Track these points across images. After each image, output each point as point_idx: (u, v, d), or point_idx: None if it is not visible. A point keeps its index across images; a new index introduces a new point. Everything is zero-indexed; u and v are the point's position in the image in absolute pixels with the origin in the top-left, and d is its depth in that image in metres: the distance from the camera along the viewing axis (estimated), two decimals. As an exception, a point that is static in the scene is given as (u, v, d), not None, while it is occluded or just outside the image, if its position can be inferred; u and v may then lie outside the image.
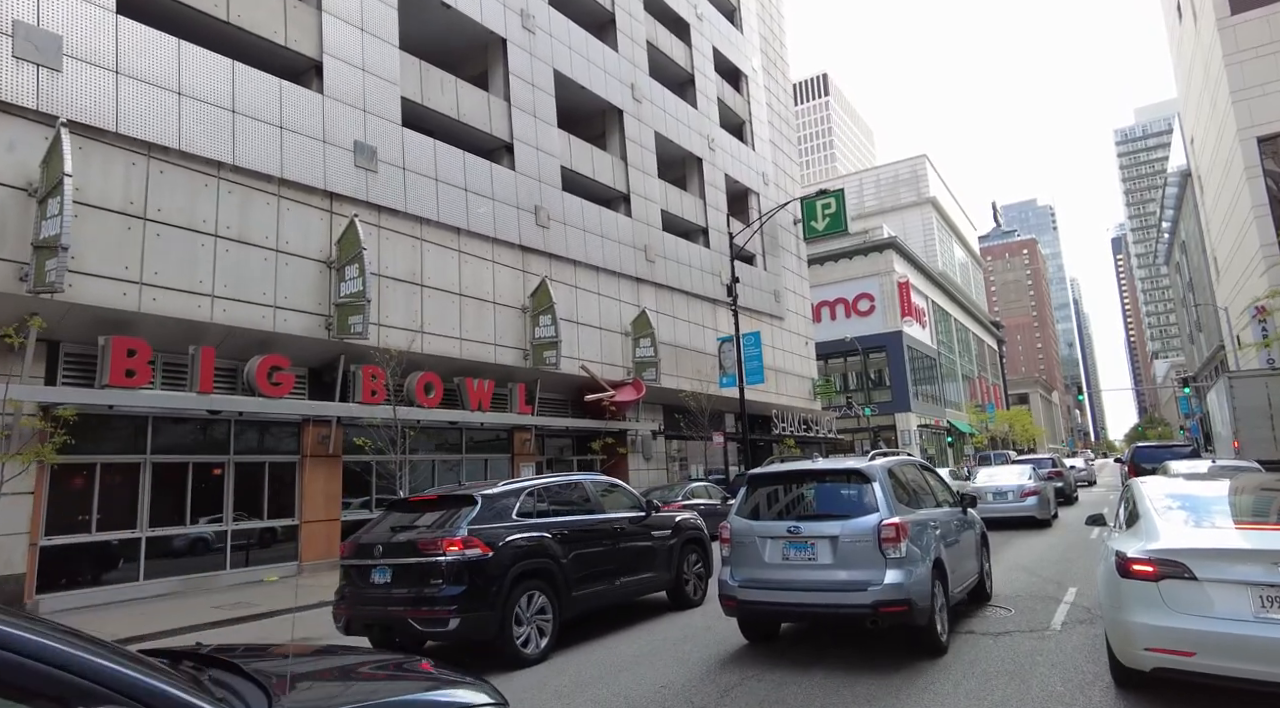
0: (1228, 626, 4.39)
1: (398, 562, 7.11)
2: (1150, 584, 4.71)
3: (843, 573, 6.34)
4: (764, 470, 7.64)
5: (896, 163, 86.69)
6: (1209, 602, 4.50)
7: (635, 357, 24.18)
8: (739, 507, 7.26)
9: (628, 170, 26.09)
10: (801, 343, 38.30)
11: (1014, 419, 79.89)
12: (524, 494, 7.81)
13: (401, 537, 7.31)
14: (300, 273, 15.01)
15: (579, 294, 22.61)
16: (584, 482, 8.84)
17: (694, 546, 9.83)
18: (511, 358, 19.59)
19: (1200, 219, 65.55)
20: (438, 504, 7.72)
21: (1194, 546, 4.75)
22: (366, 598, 7.20)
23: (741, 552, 6.91)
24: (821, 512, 6.88)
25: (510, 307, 19.97)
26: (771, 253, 36.32)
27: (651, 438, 24.97)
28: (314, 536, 14.89)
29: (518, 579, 7.11)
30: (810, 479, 7.28)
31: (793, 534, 6.63)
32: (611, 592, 8.26)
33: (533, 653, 7.11)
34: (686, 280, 28.58)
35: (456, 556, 6.81)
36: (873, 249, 57.47)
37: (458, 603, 6.70)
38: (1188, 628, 4.51)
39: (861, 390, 56.23)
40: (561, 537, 7.74)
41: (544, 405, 21.41)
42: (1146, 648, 4.70)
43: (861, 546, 6.33)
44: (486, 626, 6.81)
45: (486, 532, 7.09)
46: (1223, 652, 4.40)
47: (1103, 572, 5.50)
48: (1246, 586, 4.41)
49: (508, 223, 20.25)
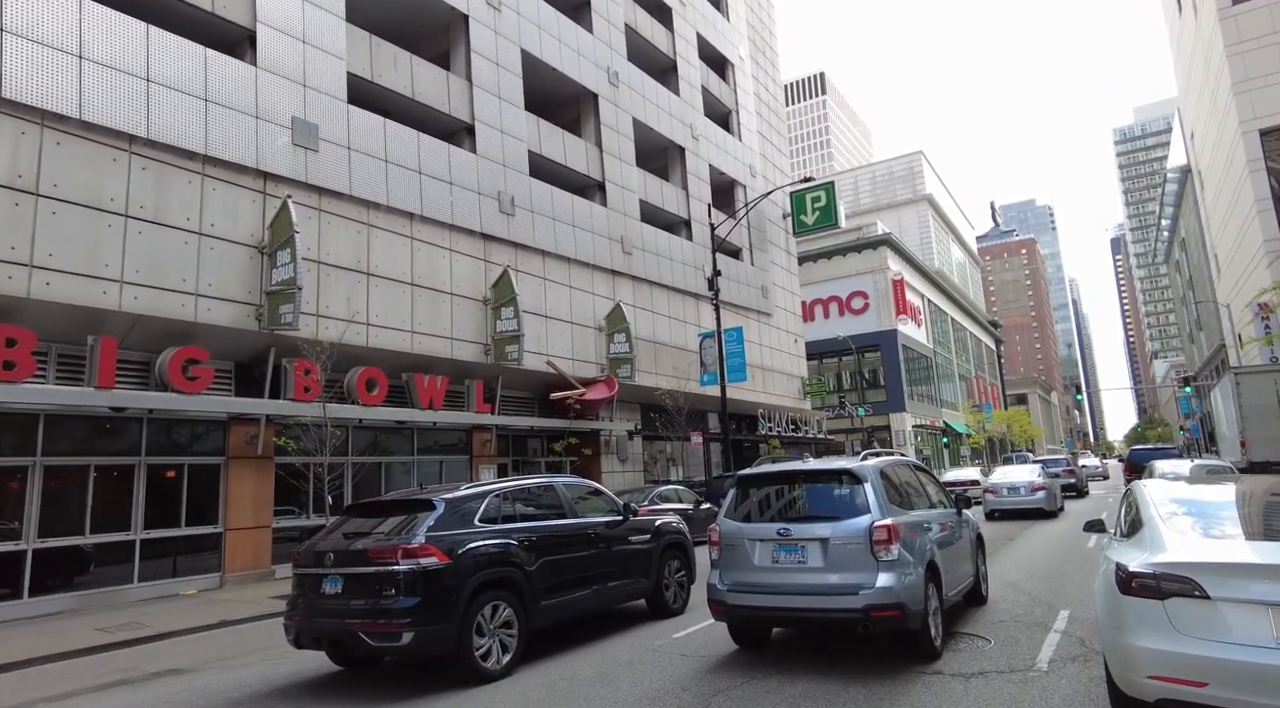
0: (1246, 653, 3.72)
1: (349, 571, 6.62)
2: (1155, 603, 4.03)
3: (833, 576, 6.15)
4: (754, 471, 7.37)
5: (892, 160, 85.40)
6: (1224, 625, 3.84)
7: (609, 353, 22.96)
8: (728, 509, 7.04)
9: (603, 157, 24.85)
10: (790, 340, 37.07)
11: (1012, 420, 78.61)
12: (488, 498, 7.32)
13: (355, 544, 6.79)
14: (227, 258, 13.76)
15: (548, 286, 21.37)
16: (556, 484, 8.29)
17: (675, 551, 9.32)
18: (470, 353, 18.35)
19: (1201, 216, 64.48)
20: (396, 508, 7.20)
21: (1207, 559, 4.05)
22: (318, 609, 6.69)
23: (731, 555, 6.69)
24: (812, 513, 6.65)
25: (470, 298, 18.73)
26: (759, 247, 35.09)
27: (627, 439, 23.73)
28: (240, 544, 13.63)
29: (479, 589, 6.64)
30: (801, 480, 7.03)
31: (783, 537, 6.43)
32: (585, 600, 7.83)
33: (494, 668, 6.66)
34: (667, 274, 27.35)
35: (411, 564, 6.34)
36: (866, 246, 56.25)
37: (412, 615, 6.23)
38: (1199, 654, 3.83)
39: (855, 390, 55.00)
40: (529, 543, 7.28)
41: (508, 404, 20.18)
42: (1150, 676, 3.99)
43: (853, 548, 6.14)
44: (443, 639, 6.35)
45: (446, 539, 6.63)
46: (1240, 683, 3.71)
47: (1101, 587, 4.75)
48: (1268, 606, 3.75)
49: (468, 209, 19.01)
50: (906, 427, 53.34)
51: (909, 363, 57.52)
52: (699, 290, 28.21)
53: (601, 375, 22.03)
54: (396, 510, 7.15)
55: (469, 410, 17.88)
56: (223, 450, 13.72)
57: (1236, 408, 19.85)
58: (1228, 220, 52.89)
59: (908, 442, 52.33)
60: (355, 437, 16.20)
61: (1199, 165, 63.09)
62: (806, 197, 38.08)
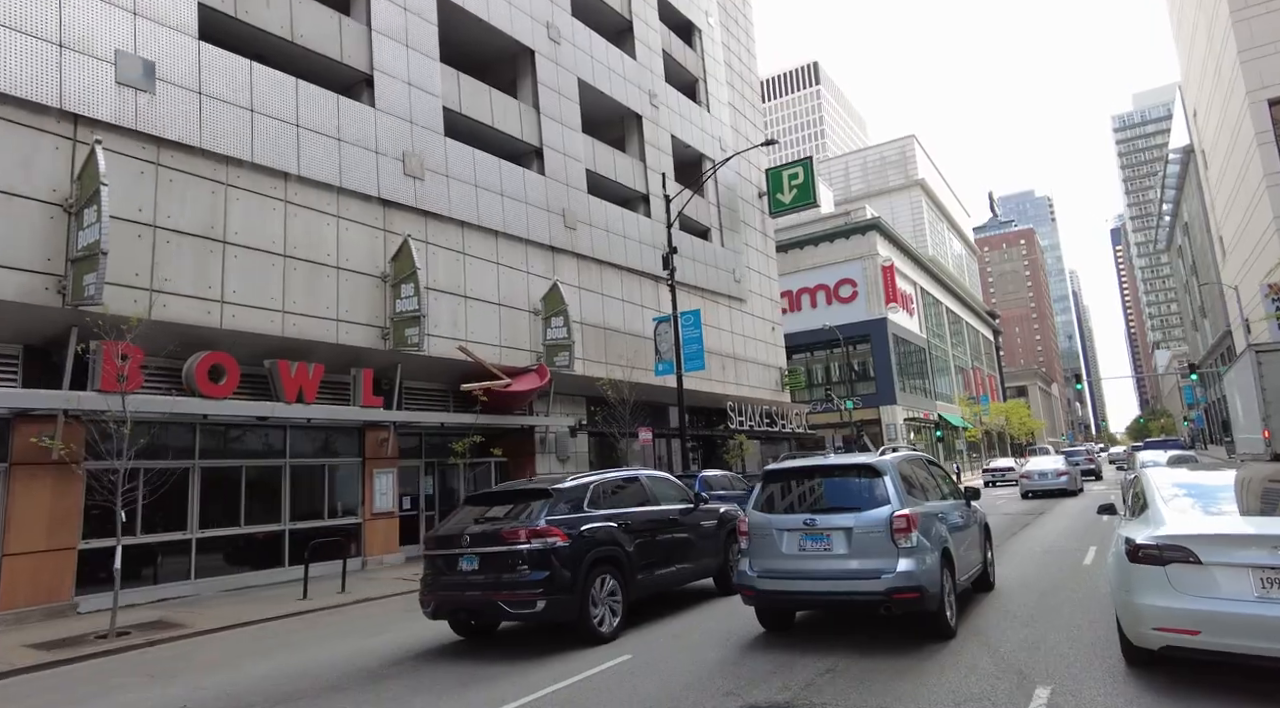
0: (1231, 606, 4.65)
1: (485, 550, 7.65)
2: (1158, 569, 4.98)
3: (857, 563, 6.59)
4: (780, 466, 7.73)
5: (883, 145, 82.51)
6: (1213, 584, 4.77)
7: (546, 339, 20.29)
8: (755, 501, 7.49)
9: (540, 120, 22.15)
10: (767, 328, 34.36)
11: (1010, 412, 75.86)
12: (591, 487, 8.43)
13: (485, 527, 7.87)
14: (14, 219, 11.09)
15: (468, 262, 18.69)
16: (640, 476, 9.44)
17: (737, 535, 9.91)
18: (363, 337, 15.69)
19: (1204, 197, 61.86)
20: (512, 498, 8.38)
21: (1199, 531, 5.01)
22: (454, 584, 7.78)
23: (760, 544, 7.16)
24: (836, 505, 7.06)
25: (364, 274, 16.06)
26: (731, 228, 32.38)
27: (569, 435, 21.07)
28: (20, 573, 10.93)
29: (592, 565, 7.73)
30: (824, 474, 7.50)
31: (809, 526, 6.89)
32: (669, 576, 8.97)
33: (606, 631, 7.74)
34: (620, 253, 24.67)
35: (540, 543, 7.44)
36: (854, 231, 53.54)
37: (543, 586, 7.32)
38: (1193, 609, 4.77)
39: (844, 383, 52.29)
40: (626, 526, 8.38)
41: (414, 398, 17.52)
42: (1155, 628, 4.97)
43: (874, 536, 6.58)
44: (569, 607, 7.44)
45: (563, 522, 7.72)
46: (1226, 630, 4.66)
47: (1113, 558, 5.74)
48: (1249, 568, 4.67)
49: (361, 170, 16.33)
50: (898, 420, 50.67)
51: (901, 354, 54.85)
52: (660, 272, 25.53)
53: (534, 364, 19.36)
54: (512, 500, 8.27)
55: (356, 404, 15.20)
56: (3, 456, 11.04)
57: (1259, 392, 17.16)
58: (1233, 199, 50.45)
59: (898, 436, 49.64)
60: (203, 436, 13.54)
61: (1202, 144, 60.46)
62: (783, 174, 35.37)
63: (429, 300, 17.00)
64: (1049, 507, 21.35)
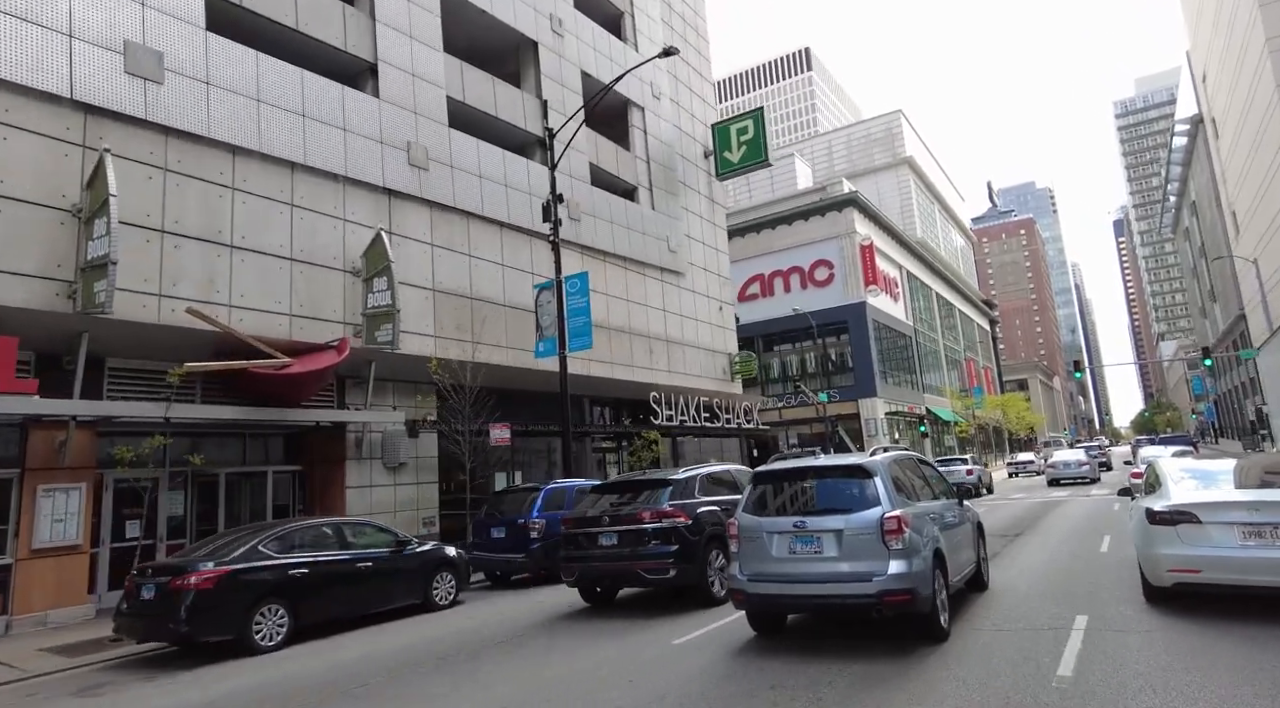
0: (1222, 551, 6.72)
1: (623, 529, 9.51)
2: (1170, 528, 7.00)
3: (848, 565, 6.61)
4: (769, 468, 7.78)
5: (869, 120, 77.16)
6: (1210, 537, 6.80)
7: (367, 307, 15.35)
8: (745, 504, 7.53)
9: (375, 28, 17.18)
10: (713, 308, 29.35)
11: (1007, 405, 70.67)
12: (698, 478, 10.25)
13: (622, 510, 9.76)
14: None
15: (237, 199, 13.71)
16: (731, 469, 11.16)
17: None
18: (30, 294, 10.75)
19: (1215, 170, 56.82)
20: (637, 487, 10.27)
21: (1199, 500, 7.04)
22: (596, 556, 9.63)
23: (749, 547, 7.13)
24: (826, 507, 7.05)
25: (38, 205, 11.12)
26: (666, 189, 27.38)
27: (406, 435, 16.09)
28: None
29: (707, 541, 9.43)
30: (813, 476, 7.47)
31: (799, 529, 6.90)
32: None
33: (719, 594, 9.26)
34: (499, 205, 19.71)
35: (670, 522, 9.29)
36: (830, 207, 48.47)
37: (673, 558, 9.15)
38: (1196, 554, 6.83)
39: (820, 374, 47.28)
40: (725, 510, 9.61)
41: (137, 382, 12.54)
42: (1168, 570, 7.02)
43: (865, 538, 6.60)
44: (693, 575, 9.25)
45: (683, 506, 9.56)
46: (1219, 568, 6.72)
47: (1135, 524, 7.89)
48: (1235, 525, 6.72)
49: (48, 59, 11.38)
50: (878, 414, 45.61)
51: (882, 342, 49.87)
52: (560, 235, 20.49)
53: (337, 340, 14.38)
54: (638, 488, 10.23)
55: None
56: None
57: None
58: (1248, 169, 45.50)
59: (879, 431, 44.61)
60: None
61: (1212, 112, 55.45)
62: (731, 129, 30.33)
63: (163, 247, 12.08)
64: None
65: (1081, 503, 20.95)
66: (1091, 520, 16.15)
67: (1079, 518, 16.97)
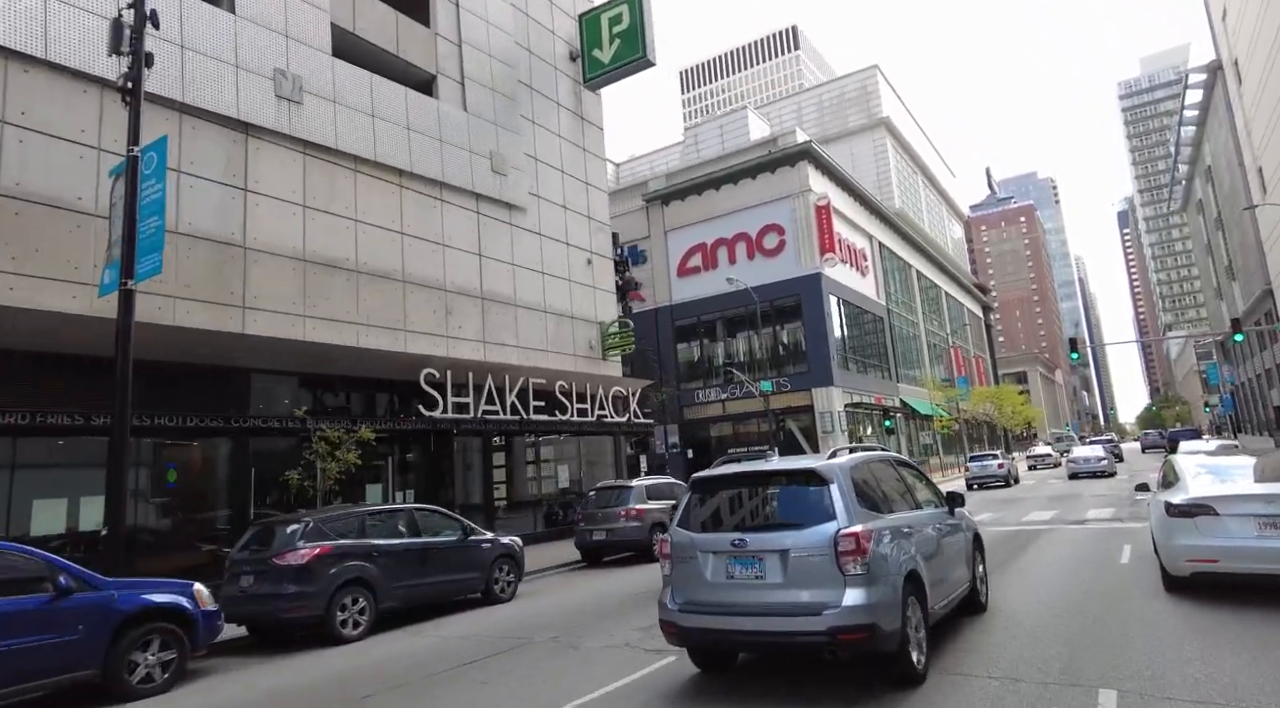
0: (1239, 542, 7.05)
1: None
2: (1188, 520, 7.38)
3: (794, 594, 5.34)
4: (707, 473, 6.39)
5: (842, 78, 69.05)
6: (1226, 528, 7.15)
7: None
8: (679, 516, 6.18)
9: None
10: (578, 260, 21.78)
11: (999, 398, 62.85)
12: None
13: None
14: None
15: None
16: None
17: None
18: None
19: (1236, 124, 48.81)
20: None
21: (1217, 493, 7.40)
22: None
23: (682, 569, 5.83)
24: (773, 521, 5.86)
25: None
26: (502, 92, 19.80)
27: None
28: None
29: None
30: (759, 482, 6.16)
31: (738, 548, 5.59)
32: None
33: None
34: (73, 46, 12.12)
35: None
36: (781, 162, 40.80)
37: None
38: (1213, 544, 7.19)
39: (771, 362, 39.58)
40: None
41: None
42: (1186, 560, 7.38)
43: (816, 560, 5.32)
44: None
45: None
46: (1236, 558, 7.08)
47: (1154, 517, 8.45)
48: (1251, 517, 7.04)
49: None
50: (835, 406, 37.86)
51: (848, 323, 42.24)
52: (257, 119, 12.89)
53: None
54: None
55: None
56: None
57: None
58: (1278, 117, 37.60)
59: (835, 426, 36.92)
60: None
61: (1235, 54, 47.55)
62: (601, 18, 22.67)
63: None
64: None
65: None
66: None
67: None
